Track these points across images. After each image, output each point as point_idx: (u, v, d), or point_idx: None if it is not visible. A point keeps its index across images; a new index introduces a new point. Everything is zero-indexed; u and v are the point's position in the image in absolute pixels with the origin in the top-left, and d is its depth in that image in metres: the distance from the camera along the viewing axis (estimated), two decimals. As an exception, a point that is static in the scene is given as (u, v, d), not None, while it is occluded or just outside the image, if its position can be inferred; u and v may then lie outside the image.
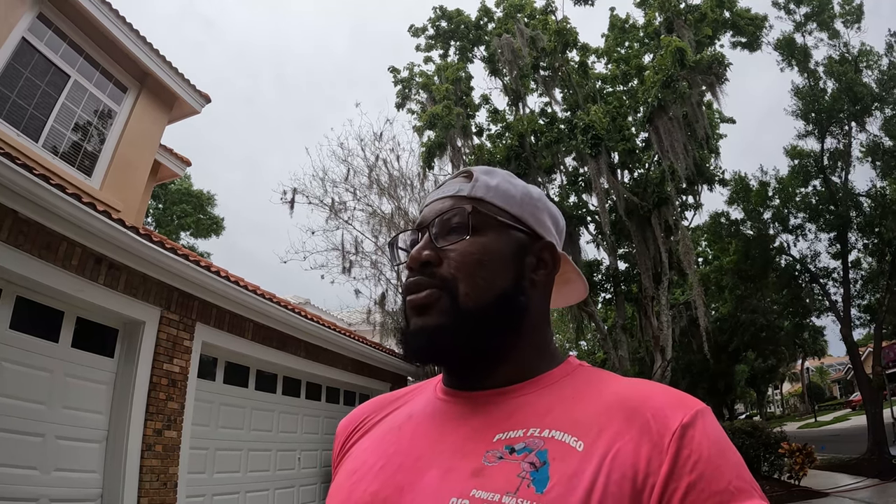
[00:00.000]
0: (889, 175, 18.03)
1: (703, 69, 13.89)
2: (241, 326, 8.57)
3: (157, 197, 25.78)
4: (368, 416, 1.00)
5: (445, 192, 0.95)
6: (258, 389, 9.29)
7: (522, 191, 0.96)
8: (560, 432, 0.76)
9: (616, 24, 17.08)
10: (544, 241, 0.94)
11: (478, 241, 0.88)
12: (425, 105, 16.88)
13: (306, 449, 10.29)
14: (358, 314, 17.38)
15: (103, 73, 8.54)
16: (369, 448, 0.91)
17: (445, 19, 17.72)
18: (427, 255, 0.88)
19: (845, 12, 18.55)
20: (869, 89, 17.79)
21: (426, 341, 0.86)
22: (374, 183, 16.24)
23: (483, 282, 0.86)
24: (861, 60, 18.31)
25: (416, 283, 0.88)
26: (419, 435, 0.87)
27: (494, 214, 0.91)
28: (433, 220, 0.91)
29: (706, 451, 0.70)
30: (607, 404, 0.78)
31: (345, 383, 11.80)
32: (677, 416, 0.74)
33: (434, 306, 0.86)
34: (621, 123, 15.80)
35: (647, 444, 0.72)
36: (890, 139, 17.73)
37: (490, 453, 0.77)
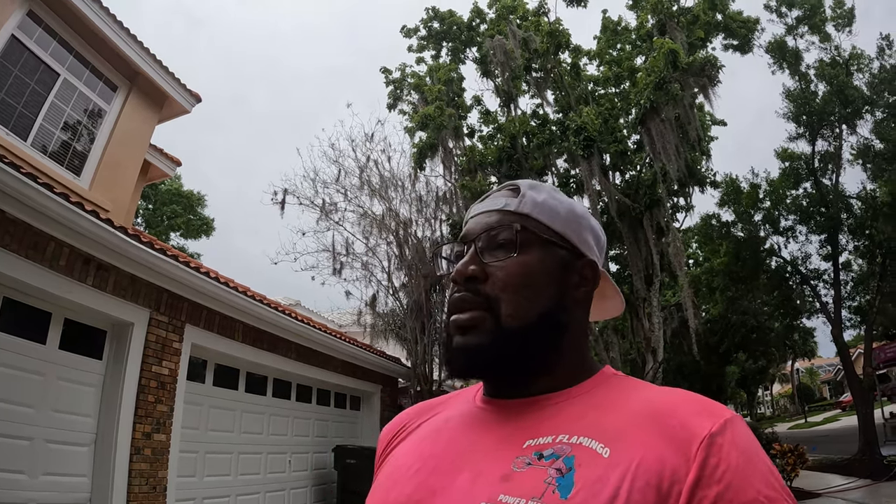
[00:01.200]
0: (880, 177, 18.14)
1: (696, 71, 13.92)
2: (230, 328, 8.51)
3: (147, 197, 25.59)
4: (409, 421, 1.03)
5: (492, 206, 0.96)
6: (248, 392, 9.23)
7: (567, 207, 0.96)
8: (588, 439, 0.77)
9: (608, 27, 17.13)
10: (587, 259, 0.95)
11: (523, 260, 0.89)
12: (417, 106, 16.85)
13: (297, 452, 10.23)
14: (349, 316, 17.28)
15: (93, 72, 8.45)
16: (408, 451, 0.93)
17: (438, 20, 17.68)
18: (473, 270, 0.90)
19: (837, 16, 18.68)
20: (860, 92, 17.92)
21: (468, 360, 0.88)
22: (364, 184, 16.15)
23: (526, 301, 0.87)
24: (852, 63, 18.45)
25: (461, 299, 0.90)
26: (454, 439, 0.89)
27: (540, 232, 0.92)
28: (480, 235, 0.93)
29: (735, 460, 0.70)
30: (636, 412, 0.79)
31: (336, 385, 11.74)
32: (706, 425, 0.74)
33: (478, 327, 0.87)
34: (613, 125, 15.82)
35: (673, 452, 0.72)
36: (881, 142, 17.86)
37: (519, 459, 0.78)
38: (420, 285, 15.51)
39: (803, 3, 18.50)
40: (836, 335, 18.42)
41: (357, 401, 12.93)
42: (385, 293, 16.17)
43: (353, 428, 12.48)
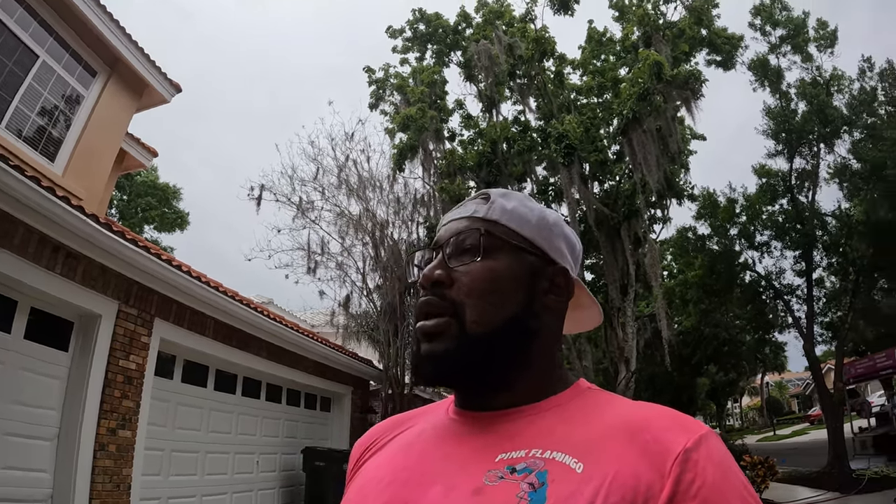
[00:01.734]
0: (856, 196, 18.47)
1: (680, 84, 14.01)
2: (201, 324, 8.33)
3: (122, 188, 25.21)
4: (382, 434, 1.02)
5: (462, 213, 0.96)
6: (217, 390, 9.04)
7: (538, 215, 0.95)
8: (561, 454, 0.76)
9: (593, 37, 17.21)
10: (558, 266, 0.94)
11: (489, 265, 0.89)
12: (398, 107, 16.81)
13: (265, 452, 10.04)
14: (321, 316, 17.17)
15: (73, 56, 8.21)
16: (379, 465, 0.93)
17: (424, 22, 17.67)
18: (438, 275, 0.89)
19: (819, 37, 19.04)
20: (839, 112, 18.27)
21: (434, 367, 0.87)
22: (343, 183, 16.05)
23: (491, 307, 0.87)
24: (832, 84, 18.82)
25: (426, 303, 0.89)
26: (427, 452, 0.88)
27: (508, 237, 0.91)
28: (448, 240, 0.93)
29: (710, 476, 0.69)
30: (610, 426, 0.78)
31: (306, 386, 11.57)
32: (680, 440, 0.73)
33: (443, 334, 0.86)
34: (594, 134, 15.90)
35: (647, 467, 0.71)
36: (858, 161, 18.20)
37: (492, 473, 0.77)
38: (394, 287, 15.43)
39: (787, 23, 18.83)
40: (808, 350, 18.68)
41: (327, 402, 12.76)
42: (359, 294, 16.12)
43: (323, 429, 12.31)
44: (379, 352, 15.33)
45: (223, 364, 9.12)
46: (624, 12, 16.39)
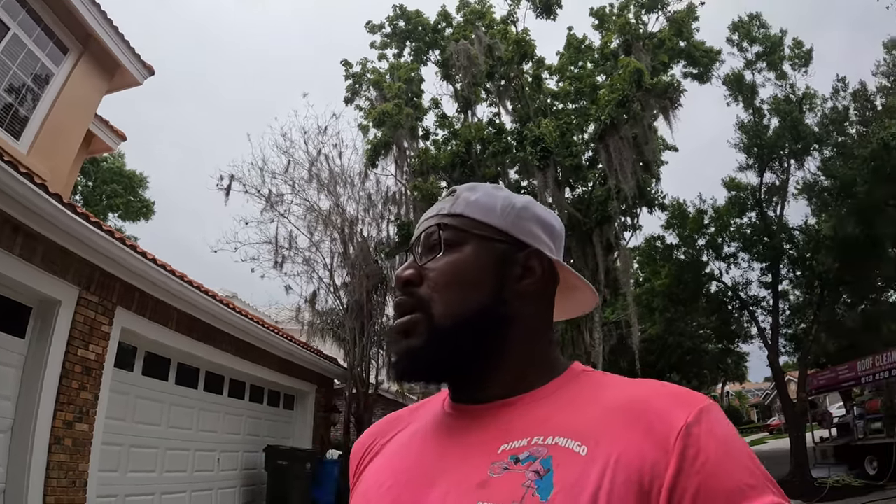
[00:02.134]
0: (824, 211, 18.87)
1: (659, 93, 14.12)
2: (165, 315, 8.04)
3: (88, 173, 24.48)
4: (378, 435, 1.01)
5: (431, 212, 0.96)
6: (179, 384, 8.74)
7: (504, 202, 0.94)
8: (564, 438, 0.75)
9: (572, 43, 17.27)
10: (530, 250, 0.92)
11: (453, 258, 0.89)
12: (374, 103, 16.65)
13: (226, 450, 9.75)
14: (287, 312, 16.84)
15: (45, 31, 7.87)
16: (380, 468, 0.91)
17: (404, 19, 17.57)
18: (409, 274, 0.90)
19: (795, 55, 19.50)
20: (811, 129, 18.69)
21: (407, 363, 0.88)
22: (313, 177, 15.74)
23: (458, 299, 0.87)
24: (805, 102, 19.29)
25: (397, 304, 0.91)
26: (426, 451, 0.87)
27: (471, 228, 0.90)
28: (417, 239, 0.94)
29: (713, 450, 0.69)
30: (610, 407, 0.77)
31: (270, 382, 11.30)
32: (681, 415, 0.72)
33: (414, 329, 0.87)
34: (569, 139, 15.89)
35: (651, 445, 0.71)
36: (827, 178, 18.60)
37: (495, 465, 0.76)
38: (362, 285, 15.20)
39: (764, 41, 19.20)
40: (772, 360, 19.04)
41: (291, 400, 12.49)
42: (326, 291, 15.87)
43: (286, 428, 12.04)
44: (344, 350, 15.10)
45: (185, 357, 8.83)
46: (604, 20, 16.52)
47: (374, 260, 16.20)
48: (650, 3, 15.90)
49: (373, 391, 15.07)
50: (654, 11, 16.01)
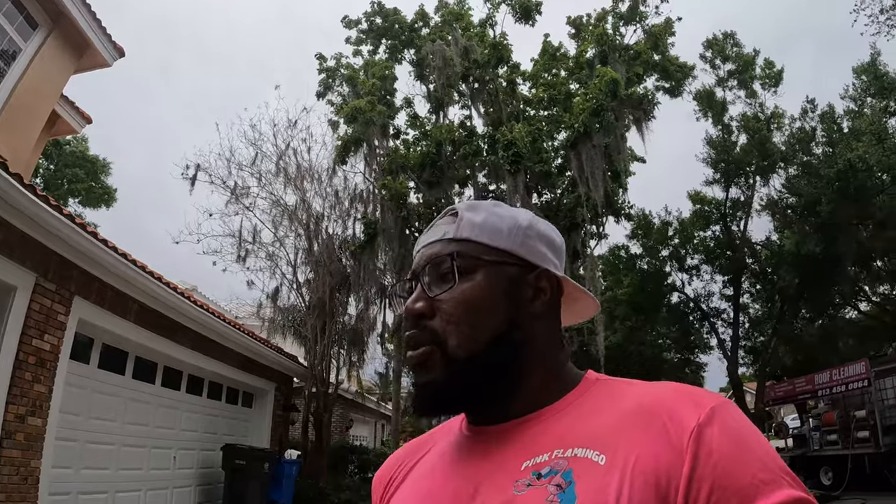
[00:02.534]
0: (787, 228, 19.33)
1: (634, 104, 14.27)
2: (124, 306, 7.75)
3: (50, 156, 23.67)
4: (402, 462, 1.00)
5: (433, 237, 0.93)
6: (136, 378, 8.44)
7: (510, 222, 0.92)
8: (582, 449, 0.76)
9: (548, 50, 17.38)
10: (539, 270, 0.91)
11: (466, 288, 0.87)
12: (346, 98, 16.49)
13: (183, 448, 9.45)
14: (248, 307, 16.55)
15: (15, 4, 7.55)
16: (406, 496, 0.92)
17: (381, 16, 17.47)
18: (420, 307, 0.88)
19: (766, 75, 20.05)
20: (778, 148, 19.12)
21: (428, 399, 0.88)
22: (281, 171, 15.49)
23: (472, 329, 0.86)
24: (774, 121, 19.77)
25: (410, 337, 0.89)
26: (450, 474, 0.87)
27: (481, 254, 0.89)
28: (424, 268, 0.91)
29: (727, 448, 0.69)
30: (625, 412, 0.78)
31: (229, 379, 11.03)
32: (693, 416, 0.72)
33: (428, 363, 0.86)
34: (540, 146, 15.94)
35: (665, 447, 0.71)
36: (791, 196, 19.05)
37: (519, 482, 0.76)
38: (326, 283, 15.00)
39: (737, 59, 19.63)
40: (732, 371, 19.42)
41: (250, 398, 12.21)
42: (289, 287, 15.65)
43: (245, 426, 11.76)
44: (305, 348, 14.89)
45: (144, 351, 8.54)
46: (581, 30, 16.65)
47: (339, 258, 16.02)
48: (628, 15, 16.11)
49: (332, 391, 14.87)
50: (632, 24, 16.21)
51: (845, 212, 17.08)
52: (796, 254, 18.15)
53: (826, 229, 17.38)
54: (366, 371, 19.48)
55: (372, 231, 15.78)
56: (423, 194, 17.04)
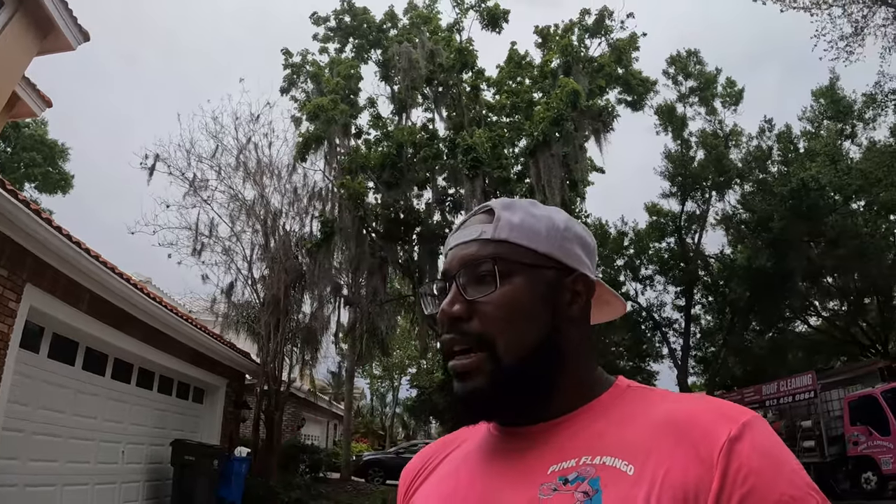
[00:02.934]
0: (740, 243, 19.90)
1: (594, 115, 14.50)
2: (76, 295, 7.58)
3: (7, 138, 22.98)
4: (429, 460, 1.00)
5: (468, 236, 0.91)
6: (86, 369, 8.23)
7: (547, 223, 0.90)
8: (611, 458, 0.76)
9: (514, 58, 17.56)
10: (576, 274, 0.90)
11: (507, 292, 0.85)
12: (310, 95, 16.42)
13: (132, 442, 9.24)
14: (202, 302, 16.29)
15: (-19, -20, 7.29)
16: (430, 493, 0.92)
17: (350, 14, 17.45)
18: (458, 310, 0.87)
19: (726, 94, 20.68)
20: (734, 165, 19.68)
21: (474, 407, 0.87)
22: (241, 165, 15.28)
23: (519, 334, 0.85)
24: (732, 138, 20.37)
25: (451, 342, 0.87)
26: (476, 474, 0.87)
27: (521, 258, 0.87)
28: (460, 270, 0.89)
29: (756, 463, 0.69)
30: (656, 425, 0.77)
31: (180, 374, 10.83)
32: (724, 431, 0.72)
33: (476, 371, 0.85)
34: (500, 152, 16.09)
35: (695, 462, 0.71)
36: (745, 212, 19.64)
37: (545, 486, 0.76)
38: (281, 280, 14.86)
39: (699, 77, 20.15)
40: (682, 380, 19.85)
41: (200, 393, 12.01)
42: (243, 283, 15.46)
43: (195, 422, 11.56)
44: (258, 345, 14.72)
45: (95, 342, 8.33)
46: (547, 40, 16.88)
47: (295, 255, 15.91)
48: (594, 28, 16.40)
49: (285, 389, 14.73)
50: (598, 37, 16.51)
51: (797, 229, 17.74)
52: (748, 268, 18.77)
53: (778, 245, 18.01)
54: (319, 370, 19.37)
55: (329, 230, 15.72)
56: (381, 195, 17.04)
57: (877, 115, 17.69)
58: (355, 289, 17.52)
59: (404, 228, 17.05)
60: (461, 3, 16.65)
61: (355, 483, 18.50)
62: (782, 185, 18.14)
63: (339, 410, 25.83)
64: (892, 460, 12.20)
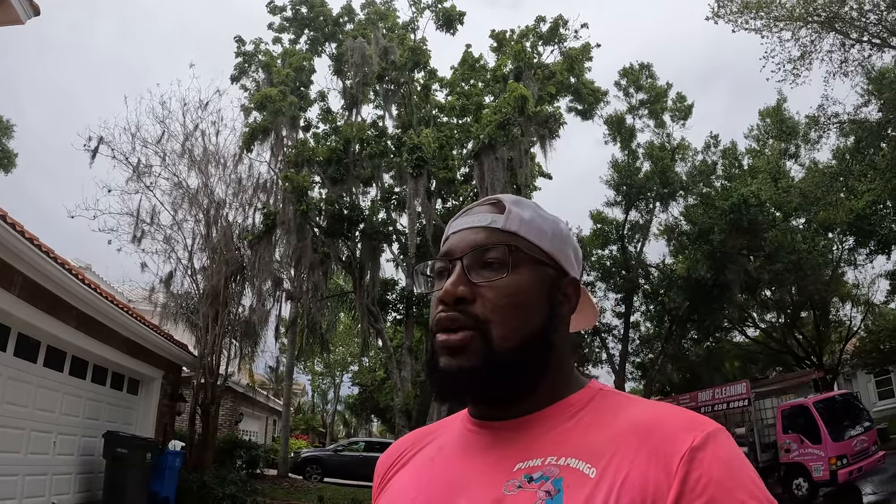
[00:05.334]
0: (681, 253, 20.47)
1: (540, 121, 14.70)
2: (8, 279, 7.30)
3: (-55, 112, 21.83)
4: (405, 450, 1.02)
5: (477, 223, 0.93)
6: (17, 356, 7.91)
7: (552, 226, 0.94)
8: (575, 460, 0.78)
9: (467, 60, 17.68)
10: (570, 278, 0.94)
11: (515, 280, 0.87)
12: (261, 85, 16.16)
13: (64, 433, 8.92)
14: (140, 291, 15.77)
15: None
16: (404, 482, 0.94)
17: (307, 6, 17.27)
18: (462, 290, 0.87)
19: (676, 108, 21.24)
20: (679, 177, 20.24)
21: (458, 383, 0.87)
22: (186, 152, 14.88)
23: (518, 322, 0.86)
24: (679, 152, 20.96)
25: (449, 319, 0.88)
26: (448, 466, 0.90)
27: (529, 251, 0.90)
28: (467, 252, 0.90)
29: (716, 473, 0.70)
30: (621, 429, 0.79)
31: (115, 364, 10.50)
32: (687, 439, 0.74)
33: (467, 348, 0.86)
34: (447, 153, 16.19)
35: (656, 467, 0.72)
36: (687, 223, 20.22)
37: (510, 483, 0.79)
38: (221, 271, 14.55)
39: (650, 90, 20.68)
40: (619, 385, 20.29)
41: (135, 384, 11.68)
42: (183, 273, 15.02)
43: (128, 414, 11.23)
44: (196, 337, 14.37)
45: (27, 328, 8.01)
46: (503, 44, 17.03)
47: (237, 247, 15.61)
48: (549, 35, 16.66)
49: (222, 382, 14.43)
50: (552, 44, 16.74)
51: (736, 242, 18.41)
52: (687, 278, 19.42)
53: (717, 257, 18.65)
54: (258, 365, 19.08)
55: (271, 222, 15.53)
56: (326, 190, 16.91)
57: (820, 137, 18.45)
58: (297, 283, 17.34)
59: (348, 225, 16.93)
60: (418, 3, 16.72)
61: (293, 480, 18.30)
62: (724, 200, 18.85)
63: (279, 406, 25.50)
64: (823, 468, 12.63)
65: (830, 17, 14.45)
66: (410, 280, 17.80)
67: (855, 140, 16.93)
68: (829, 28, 14.86)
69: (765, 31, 15.54)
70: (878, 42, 14.87)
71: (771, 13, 15.01)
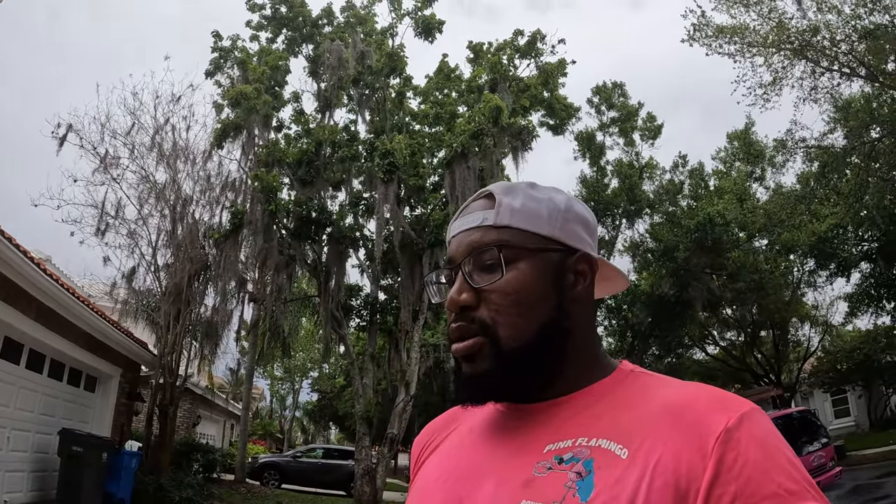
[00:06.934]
0: (645, 270, 20.79)
1: (514, 133, 14.80)
2: (-34, 266, 7.05)
3: None
4: (437, 431, 1.04)
5: (471, 223, 0.92)
6: (-28, 348, 7.64)
7: (548, 205, 0.91)
8: (606, 440, 0.77)
9: (443, 70, 17.73)
10: (579, 254, 0.91)
11: (513, 278, 0.87)
12: (235, 82, 15.99)
13: (18, 428, 8.66)
14: (101, 286, 15.42)
15: None
16: (436, 462, 0.95)
17: (286, 5, 17.13)
18: (465, 298, 0.88)
19: (646, 128, 21.64)
20: (646, 195, 20.61)
21: (476, 388, 0.88)
22: (155, 146, 14.63)
23: (523, 319, 0.86)
24: (647, 170, 21.35)
25: (457, 329, 0.89)
26: (478, 448, 0.90)
27: (524, 243, 0.88)
28: (466, 257, 0.90)
29: (753, 454, 0.69)
30: (653, 410, 0.79)
31: (73, 359, 10.26)
32: (722, 420, 0.73)
33: (478, 354, 0.87)
34: (418, 160, 16.21)
35: (689, 449, 0.71)
36: (653, 240, 20.55)
37: (540, 464, 0.79)
38: (185, 269, 14.29)
39: (622, 108, 21.03)
40: None
41: (93, 381, 11.40)
42: (146, 269, 14.73)
43: (85, 412, 10.95)
44: (156, 335, 14.07)
45: (-17, 319, 7.76)
46: (479, 56, 17.13)
47: (202, 245, 15.36)
48: (525, 49, 16.80)
49: (181, 383, 14.14)
50: (528, 58, 16.90)
51: (700, 260, 18.81)
52: (651, 294, 19.72)
53: (681, 275, 18.99)
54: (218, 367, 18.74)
55: (238, 221, 15.30)
56: (296, 192, 16.76)
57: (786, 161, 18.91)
58: (261, 285, 17.11)
59: (315, 228, 16.75)
60: (398, 9, 16.72)
61: (249, 485, 18.06)
62: (690, 218, 19.35)
63: (237, 410, 25.11)
64: (782, 481, 12.92)
65: (803, 45, 14.85)
66: (375, 286, 17.70)
67: (820, 165, 17.40)
68: (800, 56, 15.27)
69: (738, 55, 15.91)
70: (846, 72, 15.30)
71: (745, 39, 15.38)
